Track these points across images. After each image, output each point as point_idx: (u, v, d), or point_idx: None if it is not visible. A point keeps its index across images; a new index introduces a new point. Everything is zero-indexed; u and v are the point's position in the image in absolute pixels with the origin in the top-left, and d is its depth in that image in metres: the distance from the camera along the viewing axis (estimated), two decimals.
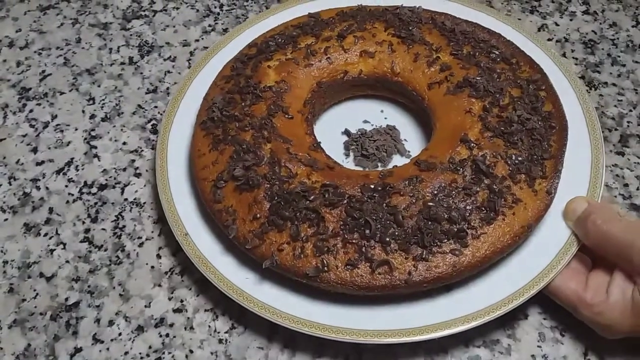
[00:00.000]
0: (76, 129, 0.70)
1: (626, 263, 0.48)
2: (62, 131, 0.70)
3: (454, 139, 0.55)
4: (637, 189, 0.63)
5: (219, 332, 0.55)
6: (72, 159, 0.68)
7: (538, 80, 0.59)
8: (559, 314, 0.54)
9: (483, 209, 0.51)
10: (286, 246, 0.51)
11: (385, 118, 0.66)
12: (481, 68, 0.59)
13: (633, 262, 0.47)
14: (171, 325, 0.55)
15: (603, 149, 0.57)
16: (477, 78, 0.58)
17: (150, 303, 0.57)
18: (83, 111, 0.72)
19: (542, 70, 0.60)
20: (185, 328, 0.55)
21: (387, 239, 0.49)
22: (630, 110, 0.69)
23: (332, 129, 0.66)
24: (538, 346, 0.53)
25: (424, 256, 0.49)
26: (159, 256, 0.60)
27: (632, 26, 0.78)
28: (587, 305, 0.49)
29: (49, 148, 0.69)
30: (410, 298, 0.51)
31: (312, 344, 0.53)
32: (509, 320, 0.54)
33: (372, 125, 0.66)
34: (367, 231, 0.50)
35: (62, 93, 0.74)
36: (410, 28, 0.63)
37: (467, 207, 0.50)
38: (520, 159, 0.53)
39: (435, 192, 0.51)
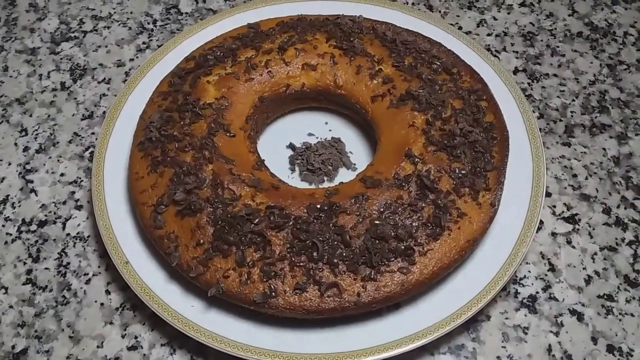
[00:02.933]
0: (9, 164, 0.66)
1: None
2: None
3: (399, 153, 0.55)
4: (586, 178, 0.64)
5: None
6: (8, 196, 0.64)
7: (479, 90, 0.59)
8: (521, 312, 0.55)
9: (429, 224, 0.50)
10: (232, 272, 0.49)
11: (330, 130, 0.66)
12: (423, 80, 0.59)
13: None
14: None
15: (544, 157, 0.59)
16: (420, 90, 0.58)
17: (102, 343, 0.54)
18: (15, 144, 0.68)
19: (483, 79, 0.61)
20: None
21: (335, 261, 0.49)
22: (573, 100, 0.70)
23: (276, 143, 0.64)
24: (503, 347, 0.53)
25: (372, 276, 0.48)
26: (107, 292, 0.57)
27: (569, 15, 0.79)
28: None
29: None
30: (359, 318, 0.51)
31: None
32: (472, 323, 0.54)
33: (317, 137, 0.65)
34: (315, 253, 0.49)
35: None
36: (352, 39, 0.63)
37: (414, 224, 0.50)
38: (463, 172, 0.53)
39: (382, 209, 0.51)
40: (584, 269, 0.58)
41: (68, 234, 0.61)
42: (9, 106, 0.71)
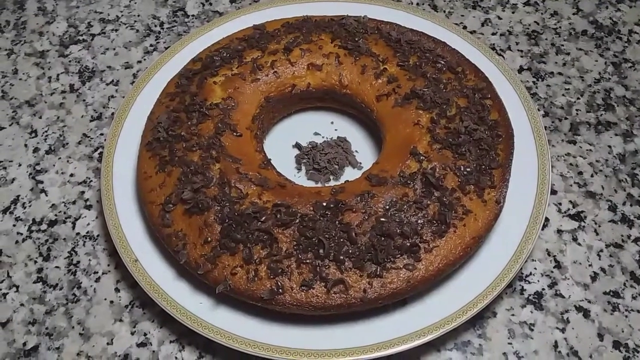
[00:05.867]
0: (20, 165, 0.67)
1: None
2: (4, 168, 0.67)
3: (404, 151, 0.55)
4: (592, 175, 0.64)
5: None
6: (18, 196, 0.65)
7: (483, 88, 0.60)
8: (527, 308, 0.55)
9: (434, 222, 0.51)
10: (239, 269, 0.50)
11: (336, 130, 0.66)
12: (428, 79, 0.59)
13: None
14: None
15: (549, 154, 0.59)
16: (424, 89, 0.58)
17: (112, 340, 0.55)
18: (25, 145, 0.69)
19: (487, 78, 0.61)
20: None
21: (342, 258, 0.49)
22: (578, 98, 0.70)
23: (283, 143, 0.65)
24: (509, 343, 0.54)
25: (378, 273, 0.49)
26: (117, 290, 0.58)
27: (573, 13, 0.79)
28: None
29: None
30: (366, 314, 0.51)
31: None
32: (479, 319, 0.55)
33: (323, 137, 0.65)
34: (321, 250, 0.49)
35: (2, 128, 0.70)
36: (357, 39, 0.63)
37: (419, 221, 0.51)
38: (468, 169, 0.53)
39: (387, 207, 0.51)
40: (589, 265, 0.58)
41: (78, 233, 0.62)
42: (18, 108, 0.72)
